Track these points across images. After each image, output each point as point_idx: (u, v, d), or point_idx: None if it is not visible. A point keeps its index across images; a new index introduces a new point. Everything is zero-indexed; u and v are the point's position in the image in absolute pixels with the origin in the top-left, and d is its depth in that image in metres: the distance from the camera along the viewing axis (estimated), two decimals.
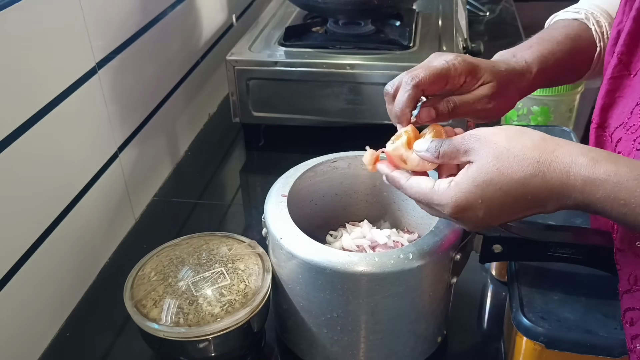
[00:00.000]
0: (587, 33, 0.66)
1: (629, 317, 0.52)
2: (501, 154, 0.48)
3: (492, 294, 0.80)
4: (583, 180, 0.45)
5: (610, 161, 0.45)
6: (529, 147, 0.47)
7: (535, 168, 0.47)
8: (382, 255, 0.59)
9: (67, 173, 0.77)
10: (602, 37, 0.66)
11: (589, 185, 0.45)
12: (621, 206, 0.44)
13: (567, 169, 0.46)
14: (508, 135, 0.49)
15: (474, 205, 0.49)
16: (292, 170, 0.72)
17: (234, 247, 0.69)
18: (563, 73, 0.67)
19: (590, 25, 0.66)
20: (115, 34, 0.87)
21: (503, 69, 0.60)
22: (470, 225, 0.52)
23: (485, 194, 0.48)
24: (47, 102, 0.72)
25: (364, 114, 1.04)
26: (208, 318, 0.61)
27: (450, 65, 0.57)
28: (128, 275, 0.67)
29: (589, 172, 0.45)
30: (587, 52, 0.67)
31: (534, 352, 0.59)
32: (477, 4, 1.62)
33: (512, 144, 0.48)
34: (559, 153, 0.47)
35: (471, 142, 0.50)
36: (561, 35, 0.65)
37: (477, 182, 0.48)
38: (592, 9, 0.67)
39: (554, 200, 0.47)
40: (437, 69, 0.57)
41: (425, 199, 0.52)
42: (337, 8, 1.06)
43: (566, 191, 0.46)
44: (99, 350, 0.74)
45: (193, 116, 1.17)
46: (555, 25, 0.68)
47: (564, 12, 0.70)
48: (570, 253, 0.61)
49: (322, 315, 0.63)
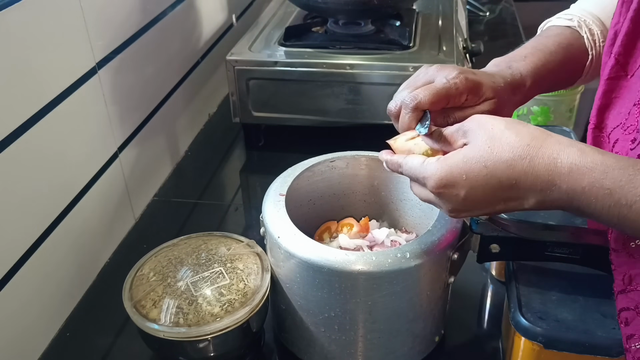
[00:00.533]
0: (579, 42, 0.67)
1: (624, 317, 0.52)
2: (495, 135, 0.49)
3: (491, 294, 0.80)
4: (569, 167, 0.46)
5: (598, 152, 0.46)
6: (523, 132, 0.48)
7: (524, 151, 0.47)
8: (380, 254, 0.59)
9: (67, 173, 0.78)
10: (594, 45, 0.66)
11: (575, 173, 0.45)
12: (606, 196, 0.44)
13: (554, 155, 0.46)
14: (507, 122, 0.50)
15: (458, 181, 0.49)
16: (290, 169, 0.72)
17: (232, 247, 0.69)
18: (555, 82, 0.68)
19: (582, 33, 0.66)
20: (115, 33, 0.87)
21: (502, 85, 0.60)
22: (450, 205, 0.52)
23: (471, 170, 0.48)
24: (47, 102, 0.72)
25: (364, 114, 1.04)
26: (208, 318, 0.61)
27: (451, 84, 0.57)
28: (126, 276, 0.67)
29: (576, 159, 0.46)
30: (579, 61, 0.67)
31: (532, 352, 0.59)
32: (477, 4, 1.62)
33: (508, 128, 0.49)
34: (550, 141, 0.47)
35: (471, 124, 0.51)
36: (554, 45, 0.65)
37: (465, 158, 0.49)
38: (585, 16, 0.67)
39: (537, 189, 0.47)
40: (438, 89, 0.56)
41: (415, 174, 0.53)
42: (337, 8, 1.06)
43: (551, 179, 0.46)
44: (99, 350, 0.74)
45: (193, 116, 1.17)
46: (548, 32, 0.68)
47: (556, 17, 0.70)
48: (567, 253, 0.61)
49: (319, 314, 0.63)
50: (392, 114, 0.59)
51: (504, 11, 1.64)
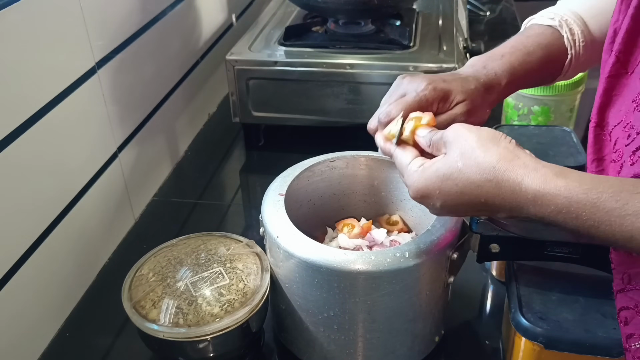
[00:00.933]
0: (559, 41, 0.67)
1: (624, 316, 0.52)
2: (466, 152, 0.50)
3: (492, 294, 0.80)
4: (534, 194, 0.47)
5: (561, 176, 0.47)
6: (491, 152, 0.49)
7: (490, 173, 0.49)
8: (379, 254, 0.59)
9: (67, 173, 0.78)
10: (573, 44, 0.67)
11: (539, 199, 0.47)
12: (573, 219, 0.46)
13: (519, 180, 0.47)
14: (480, 136, 0.51)
15: (432, 194, 0.52)
16: (290, 169, 0.72)
17: (231, 247, 0.69)
18: (532, 81, 0.70)
19: (563, 32, 0.67)
20: (115, 33, 0.87)
21: (473, 86, 0.62)
22: (430, 210, 0.55)
23: (443, 186, 0.51)
24: (46, 102, 0.72)
25: (364, 114, 1.03)
26: (208, 318, 0.61)
27: (421, 96, 0.60)
28: (125, 277, 0.67)
29: (540, 186, 0.47)
30: (557, 61, 0.68)
31: (532, 352, 0.59)
32: (478, 4, 1.62)
33: (479, 145, 0.50)
34: (515, 164, 0.48)
35: (449, 135, 0.53)
36: (533, 45, 0.66)
37: (438, 174, 0.51)
38: (567, 16, 0.68)
39: (507, 209, 0.49)
40: (409, 103, 0.60)
41: (400, 172, 0.57)
42: (337, 8, 1.06)
43: (518, 203, 0.48)
44: (99, 350, 0.74)
45: (193, 116, 1.17)
46: (529, 32, 0.69)
47: (540, 16, 0.70)
48: (567, 252, 0.61)
49: (319, 313, 0.63)
50: (372, 132, 0.62)
51: (504, 11, 1.64)
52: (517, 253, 0.64)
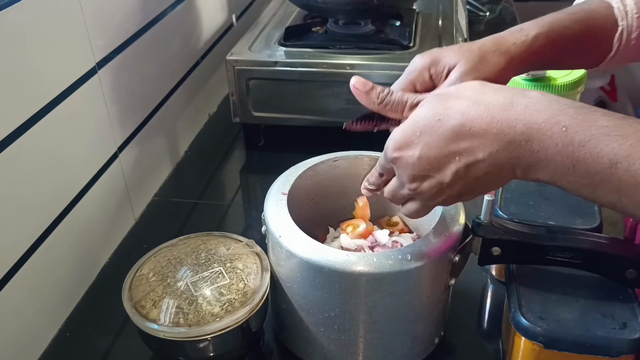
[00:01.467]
0: (608, 10, 0.61)
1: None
2: (449, 92, 0.50)
3: (492, 294, 0.80)
4: (525, 105, 0.46)
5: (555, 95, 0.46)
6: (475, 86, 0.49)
7: (479, 98, 0.47)
8: (381, 256, 0.59)
9: (67, 173, 0.78)
10: (625, 15, 0.60)
11: (530, 109, 0.45)
12: (561, 134, 0.44)
13: (510, 96, 0.47)
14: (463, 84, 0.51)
15: (411, 139, 0.49)
16: (293, 168, 0.72)
17: (232, 247, 0.69)
18: (573, 46, 0.60)
19: (613, 3, 0.61)
20: (115, 34, 0.87)
21: (473, 44, 0.58)
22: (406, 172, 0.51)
23: (425, 126, 0.49)
24: (47, 102, 0.72)
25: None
26: (208, 317, 0.61)
27: (411, 68, 0.59)
28: (126, 277, 0.67)
29: (533, 98, 0.46)
30: (603, 29, 0.61)
31: (532, 352, 0.59)
32: (477, 4, 1.62)
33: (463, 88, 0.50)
34: (506, 87, 0.48)
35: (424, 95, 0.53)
36: (575, 8, 0.61)
37: (419, 117, 0.49)
38: None
39: (492, 134, 0.46)
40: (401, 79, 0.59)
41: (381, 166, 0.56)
42: (337, 8, 1.06)
43: (507, 117, 0.46)
44: (99, 350, 0.74)
45: (193, 116, 1.17)
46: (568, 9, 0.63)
47: None
48: (569, 257, 0.61)
49: (319, 314, 0.63)
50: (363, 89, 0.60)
51: (504, 11, 1.64)
52: (519, 257, 0.63)
